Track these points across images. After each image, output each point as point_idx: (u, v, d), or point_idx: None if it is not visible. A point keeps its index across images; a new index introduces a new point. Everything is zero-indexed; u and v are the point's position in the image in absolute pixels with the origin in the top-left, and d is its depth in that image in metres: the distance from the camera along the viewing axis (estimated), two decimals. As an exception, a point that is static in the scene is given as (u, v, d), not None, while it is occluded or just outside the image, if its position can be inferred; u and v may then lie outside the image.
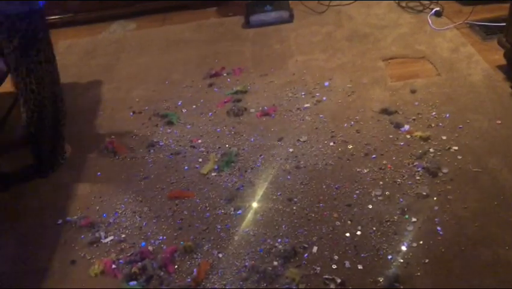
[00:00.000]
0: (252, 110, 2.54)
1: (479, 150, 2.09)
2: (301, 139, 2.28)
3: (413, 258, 1.68)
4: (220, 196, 2.04)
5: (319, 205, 1.93)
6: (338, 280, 1.63)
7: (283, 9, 3.41)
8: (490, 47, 2.77)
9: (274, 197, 2.00)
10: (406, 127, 2.26)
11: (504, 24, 2.58)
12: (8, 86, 2.53)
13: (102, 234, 1.93)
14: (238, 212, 1.95)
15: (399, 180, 2.00)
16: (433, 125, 2.26)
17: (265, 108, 2.53)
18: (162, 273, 1.74)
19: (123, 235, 1.92)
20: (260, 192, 2.03)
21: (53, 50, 2.21)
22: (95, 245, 1.89)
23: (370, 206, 1.90)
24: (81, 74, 3.11)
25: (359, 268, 1.67)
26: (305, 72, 2.80)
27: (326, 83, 2.67)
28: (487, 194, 1.88)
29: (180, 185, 2.13)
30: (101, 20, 3.81)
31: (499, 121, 2.23)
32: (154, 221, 1.97)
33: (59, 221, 2.02)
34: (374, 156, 2.13)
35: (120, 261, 1.81)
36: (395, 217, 1.84)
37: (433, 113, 2.34)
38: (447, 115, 2.31)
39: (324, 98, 2.55)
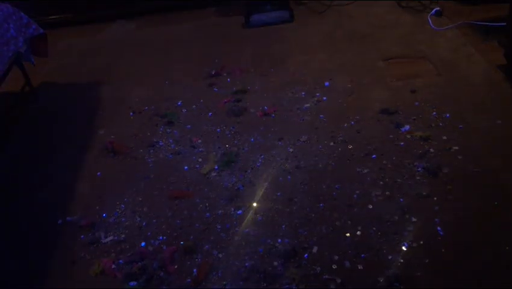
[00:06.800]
0: (252, 110, 2.54)
1: (479, 150, 2.09)
2: (301, 139, 2.28)
3: (413, 258, 1.68)
4: (220, 196, 2.04)
5: (319, 205, 1.93)
6: (338, 280, 1.63)
7: (283, 9, 3.41)
8: (490, 47, 2.77)
9: (274, 197, 2.00)
10: (406, 127, 2.26)
11: (504, 24, 2.58)
12: (8, 86, 2.52)
13: (102, 234, 1.93)
14: (238, 212, 1.95)
15: (399, 180, 2.00)
16: (433, 125, 2.26)
17: (265, 108, 2.53)
18: (162, 273, 1.74)
19: (123, 235, 1.92)
20: (260, 192, 2.03)
21: None
22: (95, 245, 1.89)
23: (370, 206, 1.90)
24: (81, 74, 3.11)
25: (359, 268, 1.67)
26: (305, 72, 2.80)
27: (326, 83, 2.67)
28: (487, 194, 1.88)
29: (180, 185, 2.13)
30: (101, 20, 3.81)
31: (499, 121, 2.23)
32: (154, 221, 1.96)
33: (59, 221, 2.02)
34: (374, 156, 2.13)
35: (120, 260, 1.81)
36: (395, 217, 1.84)
37: (434, 113, 2.34)
38: (447, 115, 2.31)
39: (324, 98, 2.55)
